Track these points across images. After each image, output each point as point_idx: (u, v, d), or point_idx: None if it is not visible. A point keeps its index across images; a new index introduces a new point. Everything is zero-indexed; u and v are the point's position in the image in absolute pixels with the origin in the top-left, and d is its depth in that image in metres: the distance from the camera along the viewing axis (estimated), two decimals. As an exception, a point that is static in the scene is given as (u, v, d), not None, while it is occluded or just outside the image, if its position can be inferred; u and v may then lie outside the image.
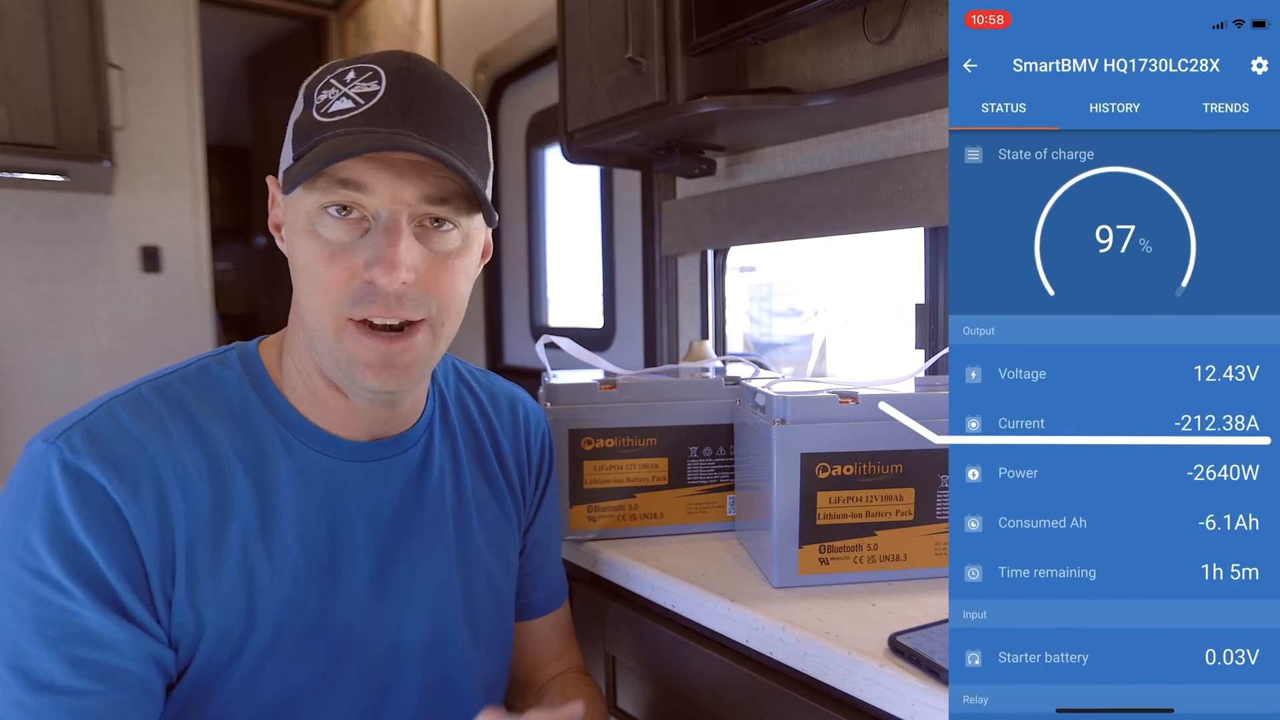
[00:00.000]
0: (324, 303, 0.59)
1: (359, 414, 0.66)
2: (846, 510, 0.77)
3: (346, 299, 0.59)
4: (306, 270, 0.60)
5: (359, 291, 0.59)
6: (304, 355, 0.65)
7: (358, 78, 0.59)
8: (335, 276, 0.59)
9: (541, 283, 2.45)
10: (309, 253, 0.59)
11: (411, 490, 0.70)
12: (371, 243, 0.58)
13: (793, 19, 1.04)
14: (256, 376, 0.65)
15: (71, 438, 0.56)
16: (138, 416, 0.59)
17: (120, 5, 2.35)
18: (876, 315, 1.61)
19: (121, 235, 2.43)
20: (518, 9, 2.30)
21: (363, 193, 0.58)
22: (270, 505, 0.62)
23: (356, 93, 0.58)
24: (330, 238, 0.59)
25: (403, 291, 0.59)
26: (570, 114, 1.44)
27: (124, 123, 2.26)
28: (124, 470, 0.56)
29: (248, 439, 0.63)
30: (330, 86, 0.59)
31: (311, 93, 0.60)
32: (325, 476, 0.65)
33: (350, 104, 0.58)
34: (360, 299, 0.59)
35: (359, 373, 0.61)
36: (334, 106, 0.58)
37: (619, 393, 0.93)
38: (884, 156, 1.27)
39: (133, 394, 0.60)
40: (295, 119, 0.61)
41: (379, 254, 0.58)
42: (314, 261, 0.59)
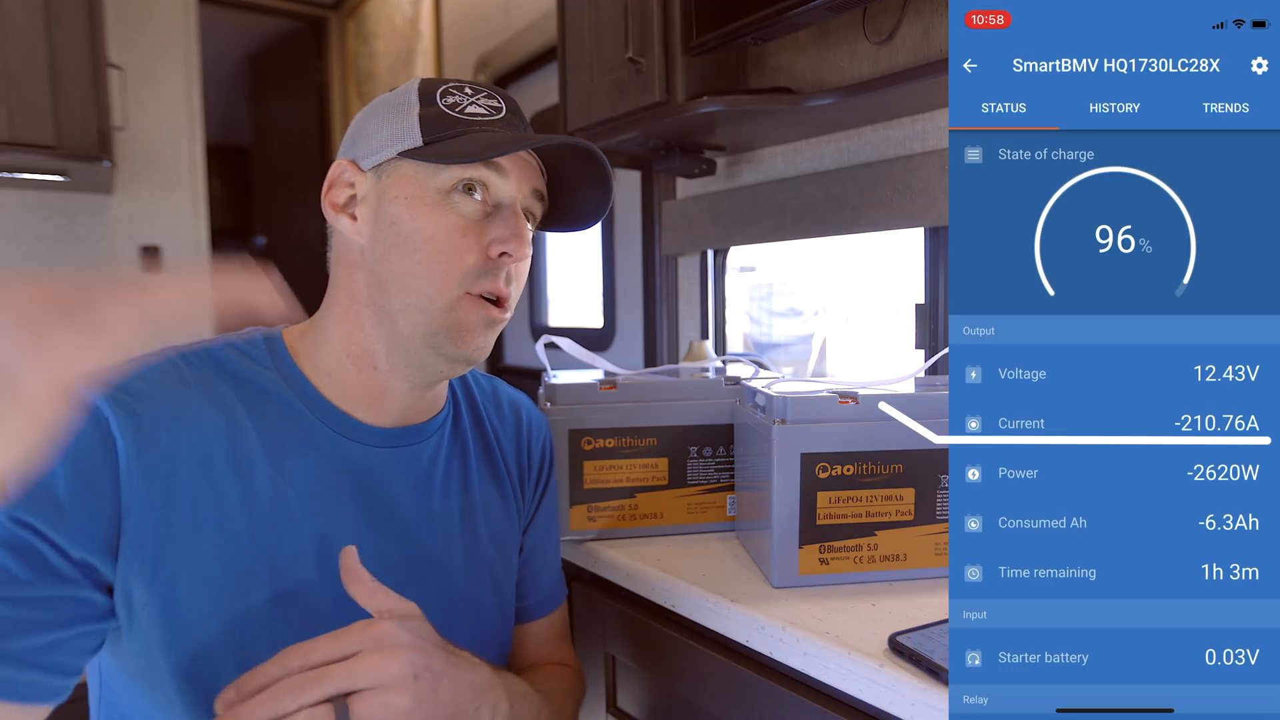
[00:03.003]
0: (449, 270, 0.64)
1: (395, 399, 0.69)
2: (846, 510, 0.77)
3: (473, 270, 0.64)
4: (435, 240, 0.64)
5: (485, 265, 0.65)
6: (359, 337, 0.67)
7: (476, 94, 0.68)
8: (469, 247, 0.64)
9: (541, 283, 2.45)
10: (440, 223, 0.64)
11: (423, 481, 0.71)
12: (501, 222, 0.65)
13: (793, 19, 1.05)
14: (279, 356, 0.67)
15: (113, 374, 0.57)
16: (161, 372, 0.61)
17: (120, 5, 2.35)
18: (876, 315, 1.61)
19: (121, 235, 2.43)
20: (518, 9, 2.30)
21: (501, 176, 0.65)
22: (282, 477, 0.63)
23: (486, 105, 0.67)
24: (466, 211, 0.65)
25: (514, 270, 0.67)
26: (570, 114, 1.45)
27: (124, 123, 2.26)
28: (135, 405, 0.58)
29: (264, 405, 0.64)
30: (452, 95, 0.67)
31: (432, 96, 0.66)
32: (341, 456, 0.66)
33: (484, 111, 0.67)
34: (485, 273, 0.65)
35: (459, 337, 0.65)
36: (468, 109, 0.66)
37: (619, 393, 0.93)
38: (884, 156, 1.27)
39: (158, 354, 0.63)
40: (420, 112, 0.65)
41: (513, 231, 0.65)
42: (448, 232, 0.64)
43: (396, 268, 0.64)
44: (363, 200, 0.67)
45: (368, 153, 0.67)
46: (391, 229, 0.65)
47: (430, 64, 2.79)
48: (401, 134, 0.65)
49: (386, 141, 0.66)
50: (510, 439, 0.81)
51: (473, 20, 2.57)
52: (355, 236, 0.67)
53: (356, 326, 0.67)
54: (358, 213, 0.67)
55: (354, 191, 0.67)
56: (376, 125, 0.67)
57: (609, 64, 1.34)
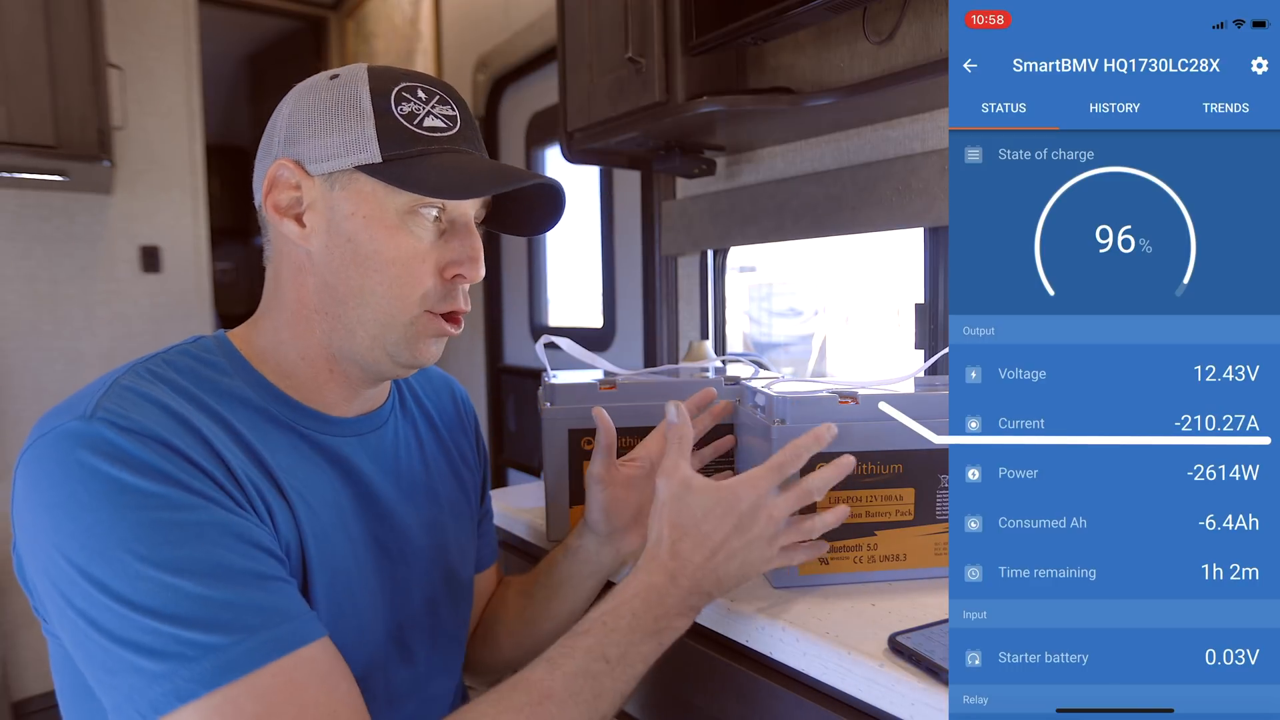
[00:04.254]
0: (409, 293, 0.65)
1: (353, 393, 0.70)
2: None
3: (433, 293, 0.66)
4: (393, 264, 0.64)
5: (443, 289, 0.66)
6: (310, 340, 0.67)
7: (429, 99, 0.66)
8: (425, 272, 0.65)
9: (541, 283, 2.45)
10: (399, 247, 0.64)
11: (390, 463, 0.74)
12: (457, 244, 0.66)
13: (792, 19, 1.05)
14: (235, 360, 0.66)
15: (107, 408, 0.55)
16: (151, 388, 0.59)
17: (120, 5, 2.35)
18: (876, 315, 1.61)
19: (121, 235, 2.43)
20: (518, 9, 2.30)
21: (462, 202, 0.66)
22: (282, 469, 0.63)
23: (442, 114, 0.66)
24: (423, 235, 0.65)
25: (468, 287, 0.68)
26: (570, 114, 1.45)
27: (124, 122, 2.26)
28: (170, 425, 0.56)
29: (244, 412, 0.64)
30: (407, 101, 0.65)
31: (387, 102, 0.64)
32: (316, 449, 0.67)
33: (441, 123, 0.66)
34: (444, 296, 0.66)
35: (416, 350, 0.67)
36: (426, 122, 0.65)
37: (619, 393, 0.93)
38: (884, 156, 1.27)
39: (131, 373, 0.60)
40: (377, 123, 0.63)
41: (469, 254, 0.66)
42: (407, 257, 0.64)
43: (354, 285, 0.64)
44: (311, 207, 0.65)
45: (316, 157, 0.64)
46: (348, 245, 0.64)
47: (430, 64, 2.79)
48: (356, 145, 0.63)
49: (339, 150, 0.63)
50: (451, 414, 0.85)
51: (473, 20, 2.57)
52: (303, 243, 0.65)
53: (309, 331, 0.67)
54: (306, 219, 0.65)
55: (300, 195, 0.65)
56: (324, 125, 0.64)
57: (609, 64, 1.34)
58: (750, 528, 0.65)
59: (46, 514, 0.53)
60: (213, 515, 0.55)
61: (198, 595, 0.52)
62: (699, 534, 0.65)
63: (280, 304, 0.68)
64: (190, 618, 0.51)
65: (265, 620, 0.53)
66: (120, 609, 0.51)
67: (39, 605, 0.59)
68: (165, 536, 0.52)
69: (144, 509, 0.53)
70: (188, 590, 0.52)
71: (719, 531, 0.65)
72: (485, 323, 2.64)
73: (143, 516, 0.52)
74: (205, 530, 0.54)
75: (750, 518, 0.65)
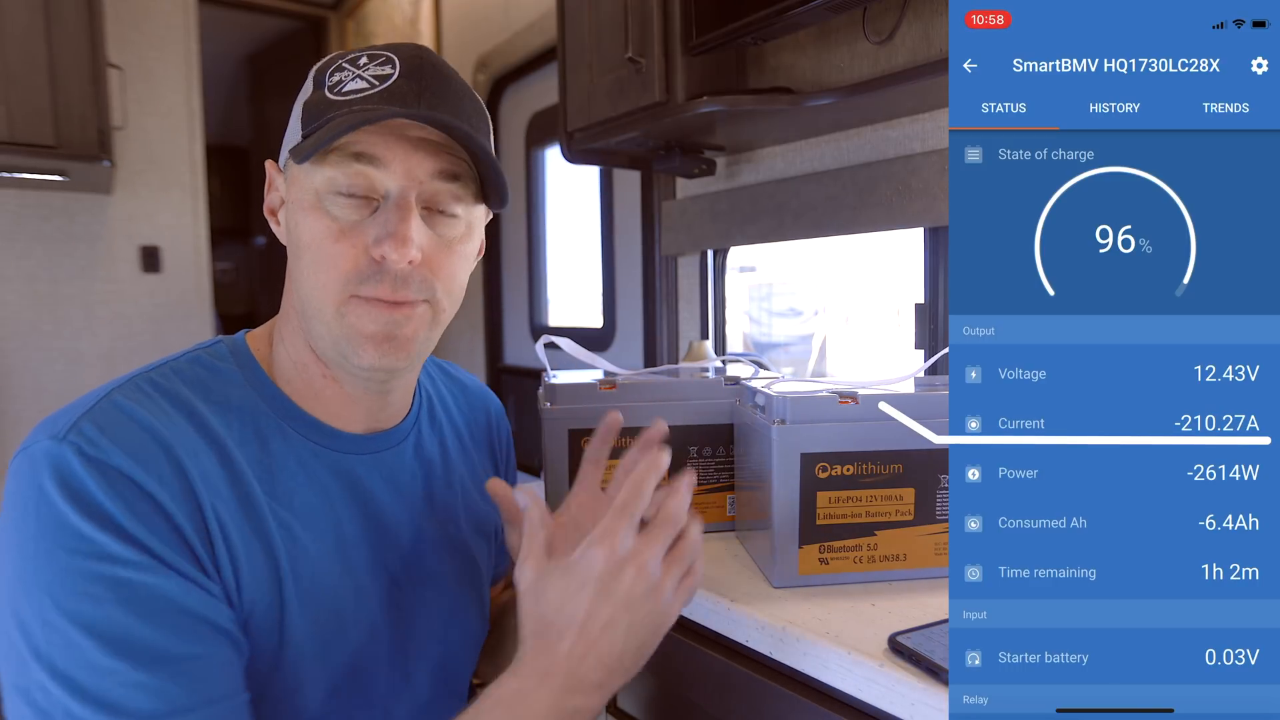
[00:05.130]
0: (328, 279, 0.59)
1: (355, 403, 0.66)
2: (846, 510, 0.77)
3: (354, 276, 0.59)
4: (311, 247, 0.60)
5: (366, 269, 0.59)
6: (299, 343, 0.64)
7: (371, 62, 0.60)
8: (343, 253, 0.59)
9: (541, 283, 2.45)
10: (315, 229, 0.59)
11: (406, 485, 0.70)
12: (381, 219, 0.59)
13: (792, 19, 1.05)
14: (249, 369, 0.64)
15: (83, 430, 0.53)
16: (142, 406, 0.56)
17: (120, 5, 2.35)
18: (876, 315, 1.61)
19: (121, 235, 2.43)
20: (518, 9, 2.30)
21: (376, 166, 0.58)
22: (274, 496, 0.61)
23: (371, 75, 0.59)
24: (339, 214, 0.59)
25: (409, 272, 0.60)
26: (570, 114, 1.44)
27: (124, 122, 2.26)
28: (144, 457, 0.54)
29: (246, 431, 0.61)
30: (343, 69, 0.60)
31: (323, 76, 0.61)
32: (324, 468, 0.64)
33: (365, 84, 0.59)
34: (367, 277, 0.59)
35: (361, 347, 0.60)
36: (347, 86, 0.59)
37: (619, 393, 0.93)
38: (884, 156, 1.27)
39: (130, 385, 0.58)
40: (304, 100, 0.62)
41: (390, 230, 0.58)
42: (320, 239, 0.59)
43: (296, 277, 0.62)
44: (284, 203, 0.65)
45: (282, 154, 0.64)
46: (290, 236, 0.63)
47: (430, 64, 2.79)
48: (292, 130, 0.62)
49: (286, 139, 0.63)
50: (482, 428, 0.83)
51: (473, 20, 2.57)
52: (283, 241, 0.65)
53: (296, 334, 0.65)
54: (281, 216, 0.65)
55: (278, 193, 0.65)
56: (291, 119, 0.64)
57: (609, 64, 1.34)
58: (616, 589, 0.54)
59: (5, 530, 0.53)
60: (151, 576, 0.51)
61: (99, 665, 0.49)
62: (561, 618, 0.54)
63: (284, 306, 0.66)
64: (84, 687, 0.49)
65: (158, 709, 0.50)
66: (26, 652, 0.50)
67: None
68: (90, 590, 0.50)
69: (75, 554, 0.50)
70: (90, 656, 0.49)
71: (579, 607, 0.54)
72: (485, 323, 2.64)
73: (71, 562, 0.50)
74: (134, 591, 0.51)
75: (613, 578, 0.54)
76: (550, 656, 0.54)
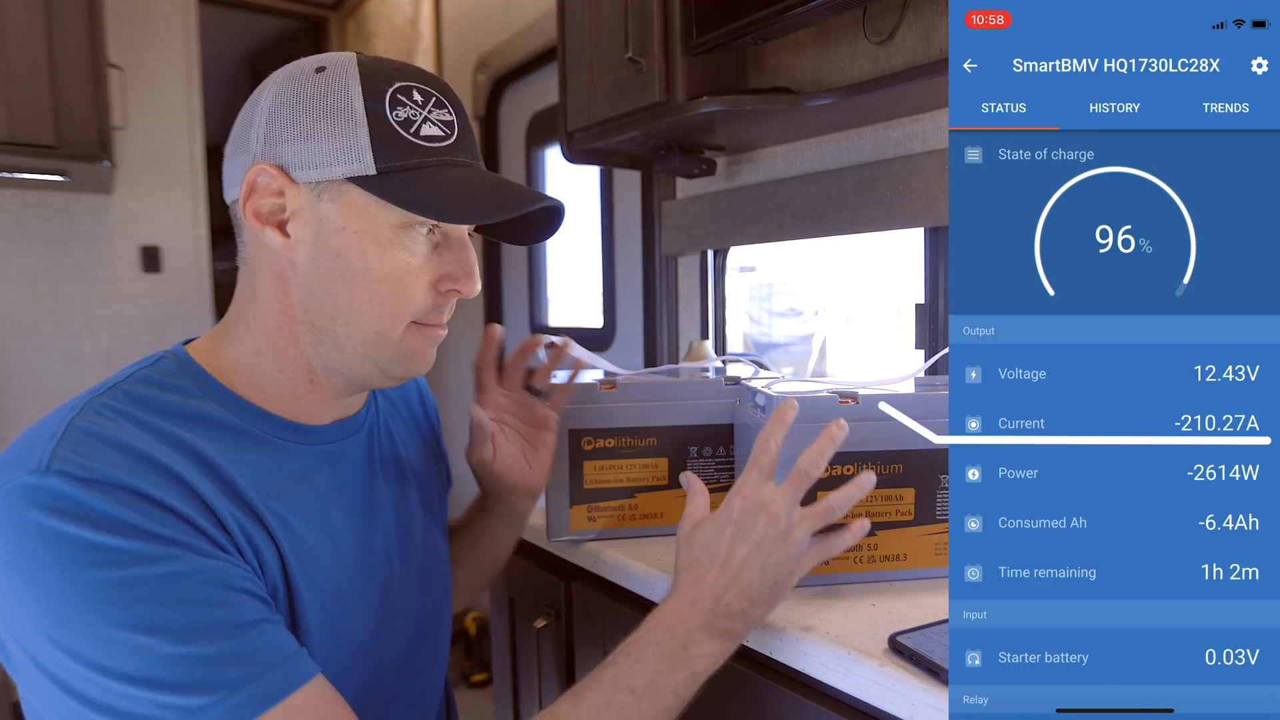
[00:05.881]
0: (400, 310, 0.63)
1: (333, 404, 0.68)
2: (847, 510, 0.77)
3: (425, 307, 0.64)
4: (385, 280, 0.61)
5: (436, 300, 0.65)
6: (290, 353, 0.64)
7: (426, 101, 0.62)
8: (419, 288, 0.63)
9: (541, 283, 2.45)
10: (393, 264, 0.61)
11: (372, 466, 0.73)
12: (452, 258, 0.65)
13: (793, 19, 1.04)
14: (201, 381, 0.62)
15: (65, 458, 0.51)
16: (110, 429, 0.55)
17: (120, 5, 2.35)
18: (876, 315, 1.61)
19: (121, 235, 2.43)
20: (518, 9, 2.30)
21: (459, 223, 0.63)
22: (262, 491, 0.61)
23: (439, 120, 0.62)
24: (418, 251, 0.63)
25: None
26: (570, 114, 1.44)
27: (124, 123, 2.26)
28: (137, 470, 0.53)
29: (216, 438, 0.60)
30: (403, 105, 0.61)
31: (381, 105, 0.60)
32: (300, 461, 0.65)
33: (439, 131, 0.62)
34: (436, 307, 0.65)
35: (409, 363, 0.66)
36: (423, 131, 0.61)
37: (619, 393, 0.93)
38: (884, 156, 1.27)
39: (88, 410, 0.55)
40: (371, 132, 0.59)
41: (465, 270, 0.65)
42: (400, 274, 0.62)
43: (343, 301, 0.61)
44: (296, 216, 0.60)
45: (302, 163, 0.59)
46: (337, 260, 0.60)
47: (430, 64, 2.79)
48: (348, 154, 0.59)
49: (329, 158, 0.59)
50: (416, 402, 0.86)
51: (473, 20, 2.57)
52: (287, 253, 0.61)
53: (292, 343, 0.64)
54: (291, 229, 0.61)
55: (283, 202, 0.60)
56: (311, 129, 0.59)
57: (609, 64, 1.34)
58: (751, 531, 0.63)
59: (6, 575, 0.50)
60: (187, 564, 0.52)
61: (173, 655, 0.49)
62: (706, 556, 0.64)
63: (258, 313, 0.64)
64: (169, 681, 0.49)
65: (248, 672, 0.51)
66: (93, 675, 0.49)
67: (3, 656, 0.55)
68: (135, 594, 0.50)
69: (111, 567, 0.50)
70: (162, 651, 0.49)
71: (721, 545, 0.64)
72: (485, 323, 2.64)
73: (110, 575, 0.50)
74: (179, 582, 0.51)
75: (749, 521, 0.63)
76: (699, 587, 0.63)
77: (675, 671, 0.61)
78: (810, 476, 0.65)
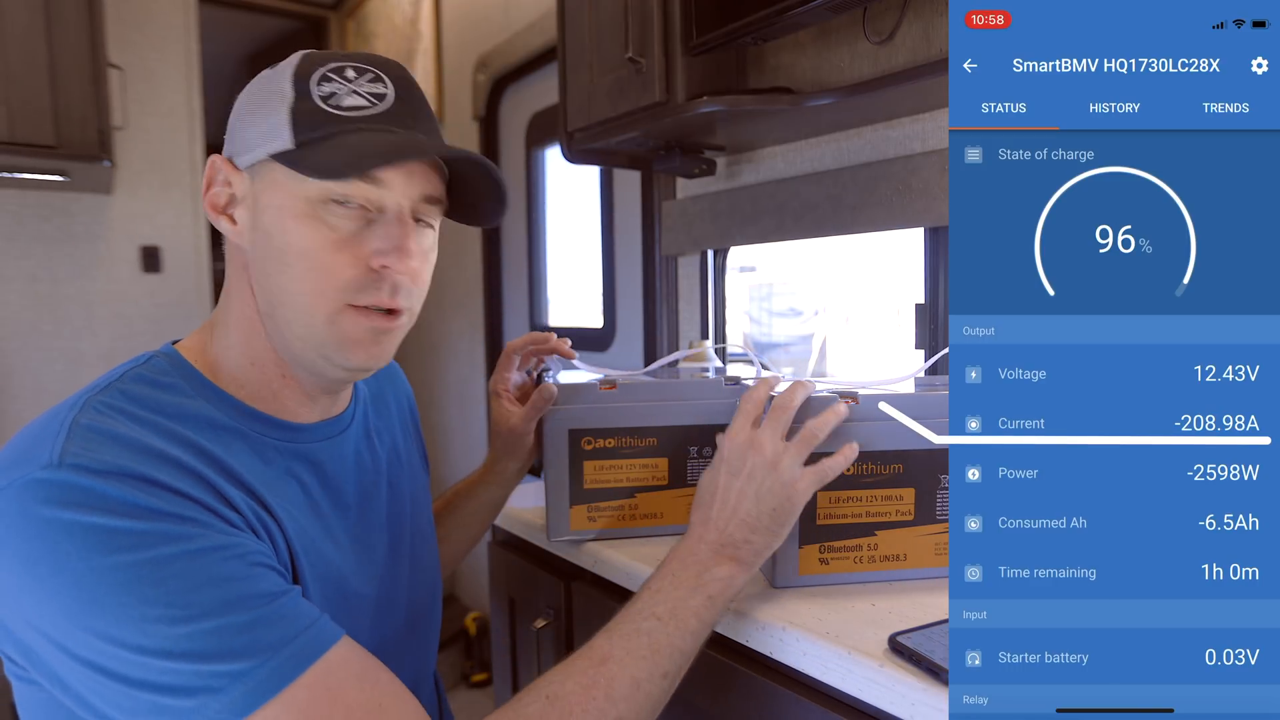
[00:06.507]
0: (324, 287, 0.61)
1: (312, 400, 0.69)
2: (846, 510, 0.77)
3: (352, 285, 0.61)
4: (306, 255, 0.60)
5: (365, 279, 0.61)
6: (257, 345, 0.65)
7: (360, 76, 0.62)
8: (342, 262, 0.61)
9: (541, 283, 2.45)
10: (310, 238, 0.60)
11: (358, 464, 0.74)
12: (382, 232, 0.61)
13: (793, 19, 1.04)
14: (193, 380, 0.63)
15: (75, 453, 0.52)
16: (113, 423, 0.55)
17: (120, 5, 2.35)
18: (876, 315, 1.61)
19: (121, 235, 2.43)
20: (518, 9, 2.30)
21: (380, 188, 0.61)
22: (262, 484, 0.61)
23: (366, 91, 0.61)
24: (337, 224, 0.61)
25: (402, 281, 0.63)
26: (570, 114, 1.44)
27: (124, 123, 2.26)
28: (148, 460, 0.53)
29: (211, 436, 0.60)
30: (331, 80, 0.61)
31: (307, 84, 0.61)
32: (291, 460, 0.66)
33: (363, 101, 0.61)
34: (366, 286, 0.62)
35: (349, 350, 0.63)
36: (345, 101, 0.60)
37: (619, 393, 0.93)
38: (884, 156, 1.27)
39: (87, 410, 0.56)
40: (290, 106, 0.60)
41: (394, 243, 0.61)
42: (317, 247, 0.60)
43: (275, 281, 0.62)
44: (241, 202, 0.63)
45: (242, 149, 0.62)
46: (267, 240, 0.61)
47: (430, 64, 2.79)
48: (272, 132, 0.60)
49: (258, 139, 0.61)
50: (403, 394, 0.88)
51: (473, 20, 2.57)
52: (238, 240, 0.64)
53: (255, 335, 0.65)
54: (236, 215, 0.63)
55: (232, 191, 0.63)
56: (251, 117, 0.62)
57: (609, 64, 1.34)
58: (741, 466, 0.68)
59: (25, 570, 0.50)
60: (210, 541, 0.53)
61: (211, 628, 0.51)
62: (706, 495, 0.70)
63: (229, 307, 0.65)
64: (209, 651, 0.50)
65: (284, 635, 0.53)
66: (133, 656, 0.50)
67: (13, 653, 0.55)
68: (164, 573, 0.51)
69: (136, 549, 0.50)
70: (200, 625, 0.50)
71: (717, 483, 0.69)
72: (485, 323, 2.64)
73: (137, 557, 0.50)
74: (205, 558, 0.52)
75: (737, 458, 0.69)
76: (705, 524, 0.69)
77: (693, 597, 0.65)
78: (817, 437, 0.70)
